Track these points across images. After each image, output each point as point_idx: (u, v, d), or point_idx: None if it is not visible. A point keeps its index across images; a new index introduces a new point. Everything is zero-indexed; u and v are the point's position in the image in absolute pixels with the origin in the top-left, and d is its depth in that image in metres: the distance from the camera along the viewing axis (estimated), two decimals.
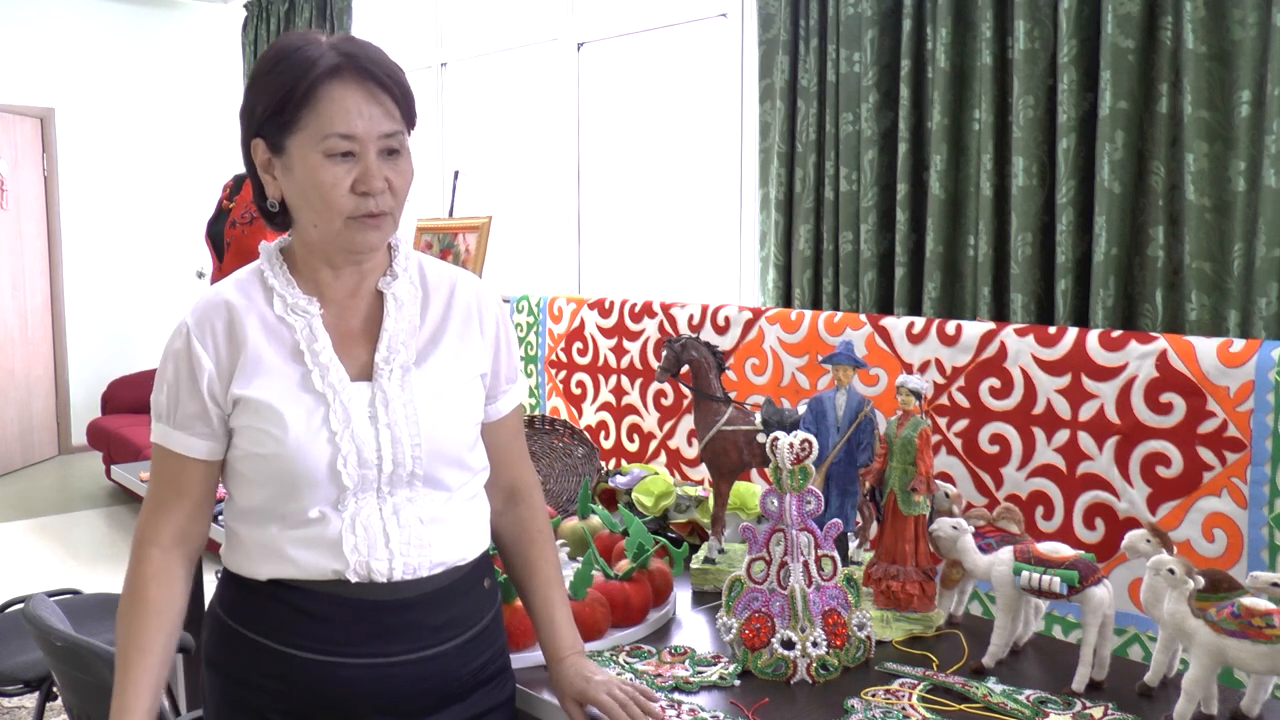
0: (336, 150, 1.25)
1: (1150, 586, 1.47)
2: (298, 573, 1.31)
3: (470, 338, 1.41)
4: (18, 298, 6.46)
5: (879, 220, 3.04)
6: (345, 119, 1.25)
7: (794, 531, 1.65)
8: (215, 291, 1.35)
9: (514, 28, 4.83)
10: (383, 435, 1.31)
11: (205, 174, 6.89)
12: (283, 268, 1.36)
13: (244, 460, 1.32)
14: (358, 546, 1.30)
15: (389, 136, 1.28)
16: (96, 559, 4.81)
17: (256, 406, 1.29)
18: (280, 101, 1.26)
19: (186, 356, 1.31)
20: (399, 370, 1.34)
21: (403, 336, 1.36)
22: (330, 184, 1.26)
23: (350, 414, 1.30)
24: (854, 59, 3.06)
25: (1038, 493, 2.13)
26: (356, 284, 1.37)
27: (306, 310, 1.33)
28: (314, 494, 1.29)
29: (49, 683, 2.28)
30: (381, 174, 1.28)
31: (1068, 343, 2.08)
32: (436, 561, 1.35)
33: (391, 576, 1.32)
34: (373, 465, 1.30)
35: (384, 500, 1.32)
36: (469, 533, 1.41)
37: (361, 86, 1.26)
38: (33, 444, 6.60)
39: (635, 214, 4.46)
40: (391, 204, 1.31)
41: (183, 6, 7.04)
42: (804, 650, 1.60)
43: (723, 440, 2.03)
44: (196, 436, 1.33)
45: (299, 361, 1.31)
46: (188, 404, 1.32)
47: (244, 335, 1.30)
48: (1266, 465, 1.84)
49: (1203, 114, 2.36)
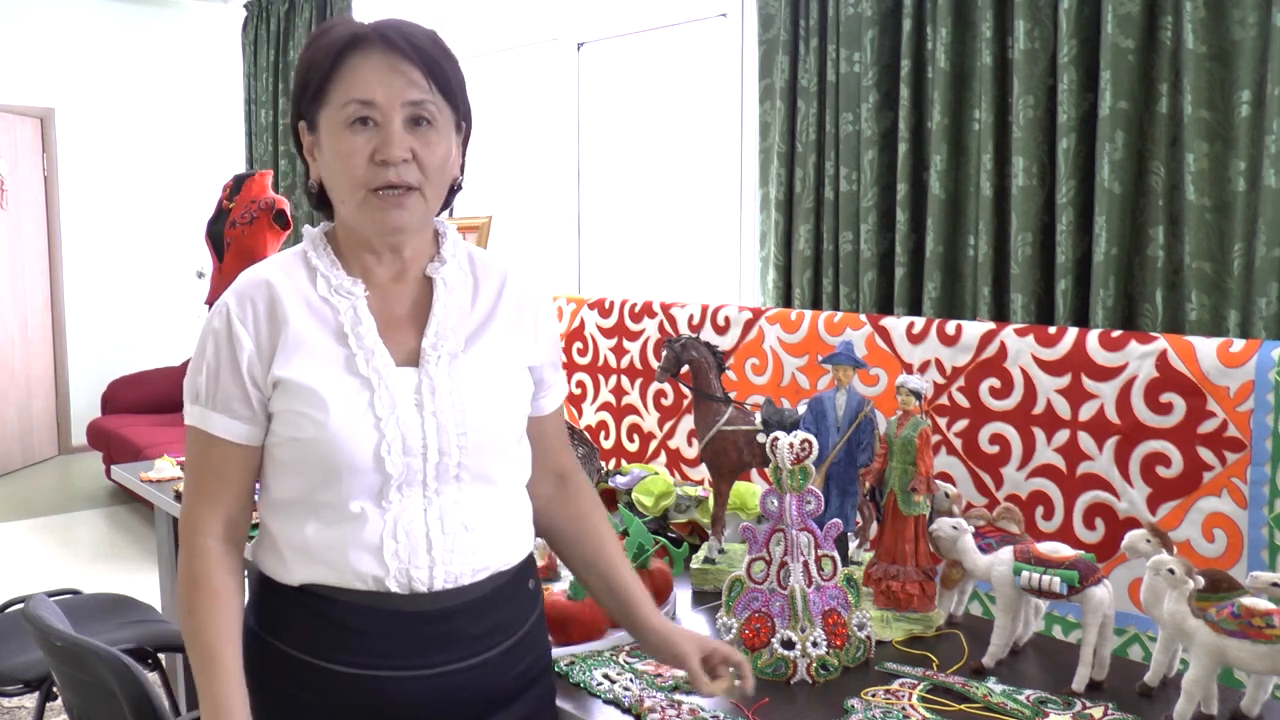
0: (355, 116, 1.21)
1: (1150, 586, 1.47)
2: (333, 577, 1.24)
3: (521, 329, 1.37)
4: (18, 298, 6.45)
5: (879, 220, 3.04)
6: (363, 85, 1.21)
7: (794, 531, 1.65)
8: (256, 271, 1.29)
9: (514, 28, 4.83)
10: (428, 423, 1.25)
11: (205, 174, 6.89)
12: (327, 249, 1.31)
13: (282, 446, 1.26)
14: (398, 553, 1.24)
15: (415, 104, 1.22)
16: (96, 559, 4.81)
17: (297, 389, 1.23)
18: (307, 76, 1.24)
19: (227, 336, 1.25)
20: (446, 357, 1.28)
21: (451, 322, 1.31)
22: (348, 153, 1.22)
23: (396, 399, 1.24)
24: (854, 59, 3.06)
25: (1038, 493, 2.13)
26: (400, 270, 1.32)
27: (351, 291, 1.28)
28: (355, 483, 1.23)
29: (49, 683, 2.28)
30: (404, 143, 1.22)
31: (1068, 343, 2.08)
32: (479, 568, 1.29)
33: (433, 586, 1.25)
34: (418, 454, 1.24)
35: (429, 501, 1.26)
36: (513, 535, 1.36)
37: (384, 55, 1.22)
38: (33, 444, 6.60)
39: (635, 214, 4.46)
40: (418, 178, 1.24)
41: (183, 6, 7.04)
42: (804, 650, 1.60)
43: (723, 440, 2.03)
44: (237, 420, 1.26)
45: (343, 344, 1.25)
46: (228, 385, 1.25)
47: (285, 315, 1.25)
48: (1266, 465, 1.84)
49: (1203, 114, 2.36)
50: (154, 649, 2.41)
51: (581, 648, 1.69)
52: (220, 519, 1.28)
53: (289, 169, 6.15)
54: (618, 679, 1.59)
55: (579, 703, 1.53)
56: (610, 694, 1.54)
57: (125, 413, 6.04)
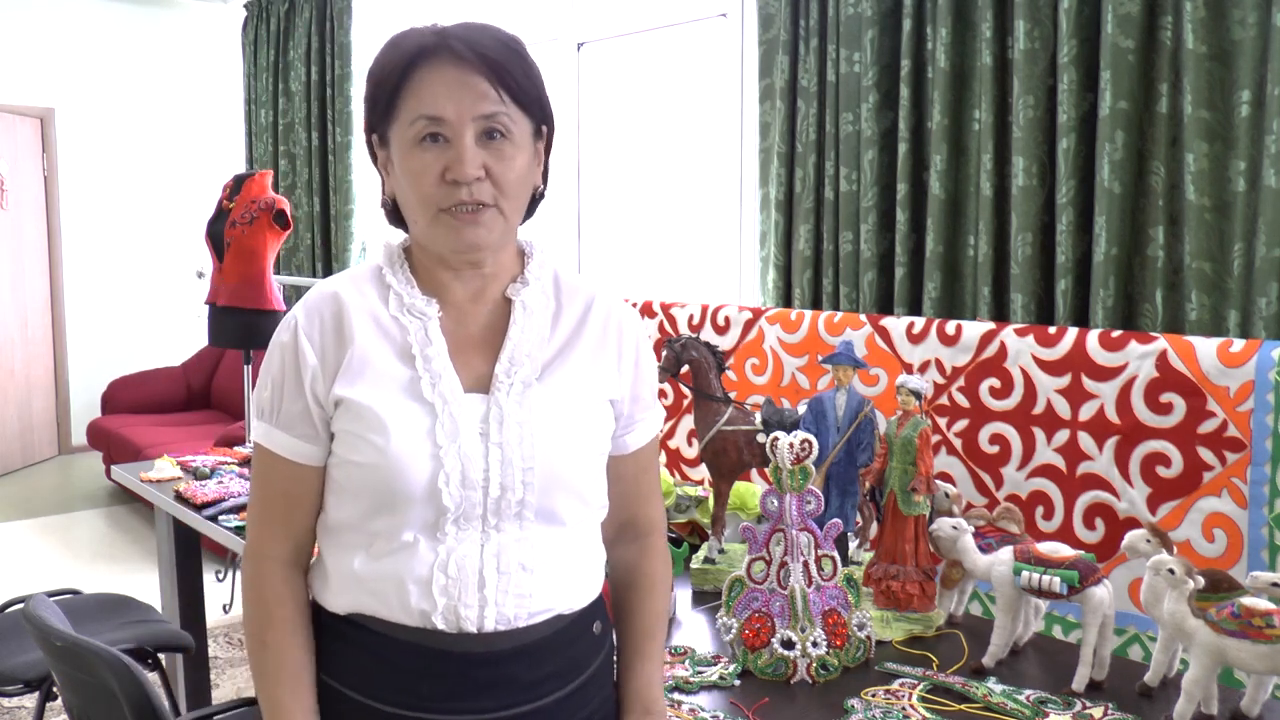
0: (424, 134, 1.15)
1: (1150, 586, 1.47)
2: (380, 609, 1.18)
3: (605, 358, 1.27)
4: (18, 298, 6.45)
5: (879, 220, 3.04)
6: (432, 100, 1.15)
7: (794, 531, 1.65)
8: (328, 284, 1.24)
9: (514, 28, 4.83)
10: (492, 455, 1.17)
11: (205, 174, 6.89)
12: (404, 266, 1.24)
13: (340, 467, 1.20)
14: (447, 589, 1.16)
15: (488, 118, 1.15)
16: (96, 559, 4.81)
17: (359, 410, 1.17)
18: (376, 90, 1.19)
19: (293, 350, 1.20)
20: (520, 385, 1.20)
21: (528, 348, 1.22)
22: (418, 172, 1.15)
23: (459, 428, 1.17)
24: (854, 59, 3.06)
25: (1038, 493, 2.13)
26: (480, 289, 1.24)
27: (424, 312, 1.21)
28: (409, 513, 1.16)
29: (49, 683, 2.28)
30: (477, 160, 1.15)
31: (1068, 343, 2.08)
32: (537, 611, 1.20)
33: (483, 626, 1.17)
34: (478, 487, 1.17)
35: (487, 537, 1.18)
36: (579, 579, 1.25)
37: (454, 67, 1.15)
38: (33, 444, 6.60)
39: (635, 214, 4.46)
40: (493, 194, 1.17)
41: (183, 6, 7.04)
42: (804, 650, 1.60)
43: (723, 440, 2.03)
44: (299, 439, 1.21)
45: (409, 365, 1.19)
46: (292, 403, 1.20)
47: (352, 332, 1.19)
48: (1266, 465, 1.84)
49: (1203, 114, 2.36)
50: (154, 649, 2.41)
51: None
52: (286, 542, 1.24)
53: (289, 169, 6.15)
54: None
55: None
56: None
57: (125, 413, 6.04)
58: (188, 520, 2.58)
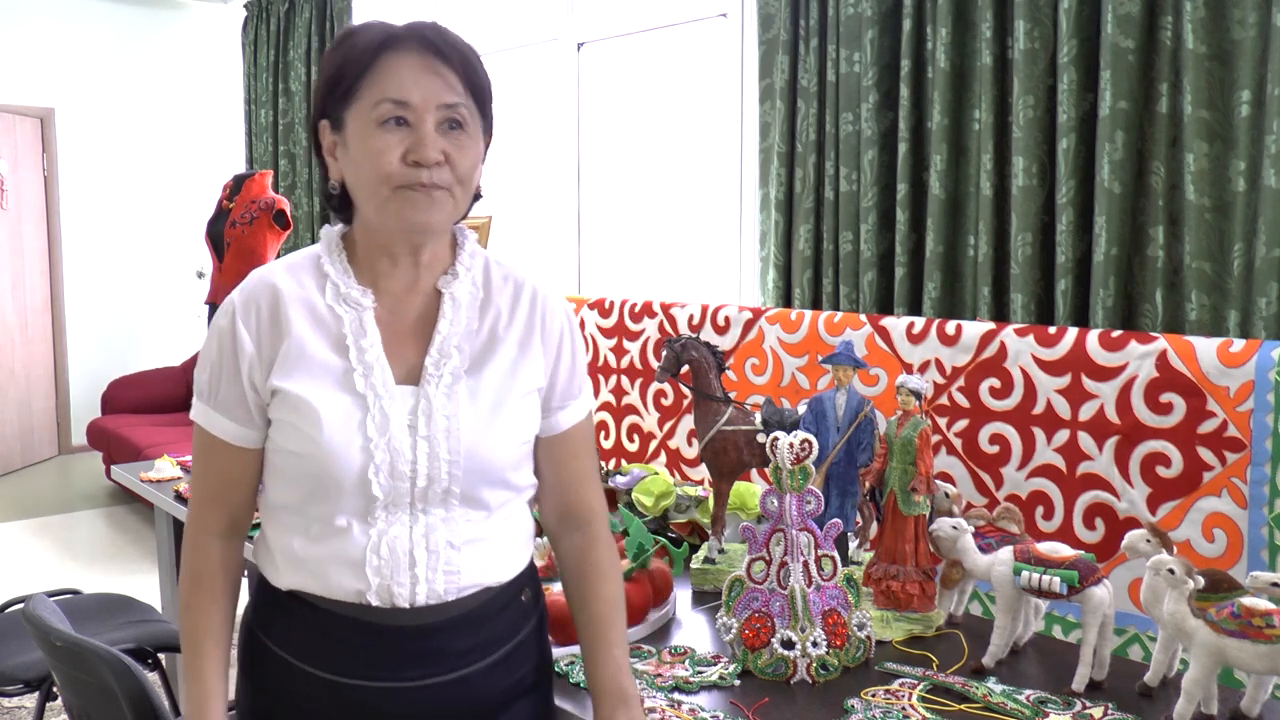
0: (389, 116, 1.19)
1: (1150, 586, 1.47)
2: (318, 587, 1.25)
3: (531, 348, 1.31)
4: (18, 298, 6.45)
5: (879, 220, 3.04)
6: (399, 85, 1.19)
7: (794, 531, 1.65)
8: (265, 272, 1.27)
9: (514, 28, 4.83)
10: (420, 448, 1.22)
11: (205, 174, 6.89)
12: (341, 255, 1.28)
13: (277, 454, 1.26)
14: (380, 569, 1.22)
15: (449, 108, 1.20)
16: (96, 559, 4.81)
17: (294, 401, 1.21)
18: (338, 73, 1.22)
19: (231, 338, 1.24)
20: (448, 377, 1.25)
21: (456, 340, 1.27)
22: (380, 150, 1.19)
23: (389, 420, 1.22)
24: (854, 59, 3.06)
25: (1038, 493, 2.13)
26: (415, 279, 1.28)
27: (359, 302, 1.25)
28: (341, 502, 1.22)
29: (49, 683, 2.28)
30: (438, 145, 1.19)
31: (1068, 343, 2.08)
32: (466, 586, 1.27)
33: (414, 602, 1.24)
34: (406, 478, 1.22)
35: (416, 520, 1.24)
36: (505, 554, 1.32)
37: (419, 55, 1.20)
38: (33, 444, 6.60)
39: (635, 214, 4.46)
40: (449, 180, 1.21)
41: (183, 6, 7.04)
42: (804, 650, 1.60)
43: (723, 440, 2.03)
44: (235, 421, 1.26)
45: (343, 356, 1.23)
46: (229, 388, 1.24)
47: (288, 323, 1.23)
48: (1266, 465, 1.84)
49: (1203, 114, 2.36)
50: (154, 649, 2.41)
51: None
52: (223, 517, 1.30)
53: (289, 169, 6.15)
54: None
55: (579, 703, 1.53)
56: None
57: (125, 413, 6.04)
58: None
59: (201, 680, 1.26)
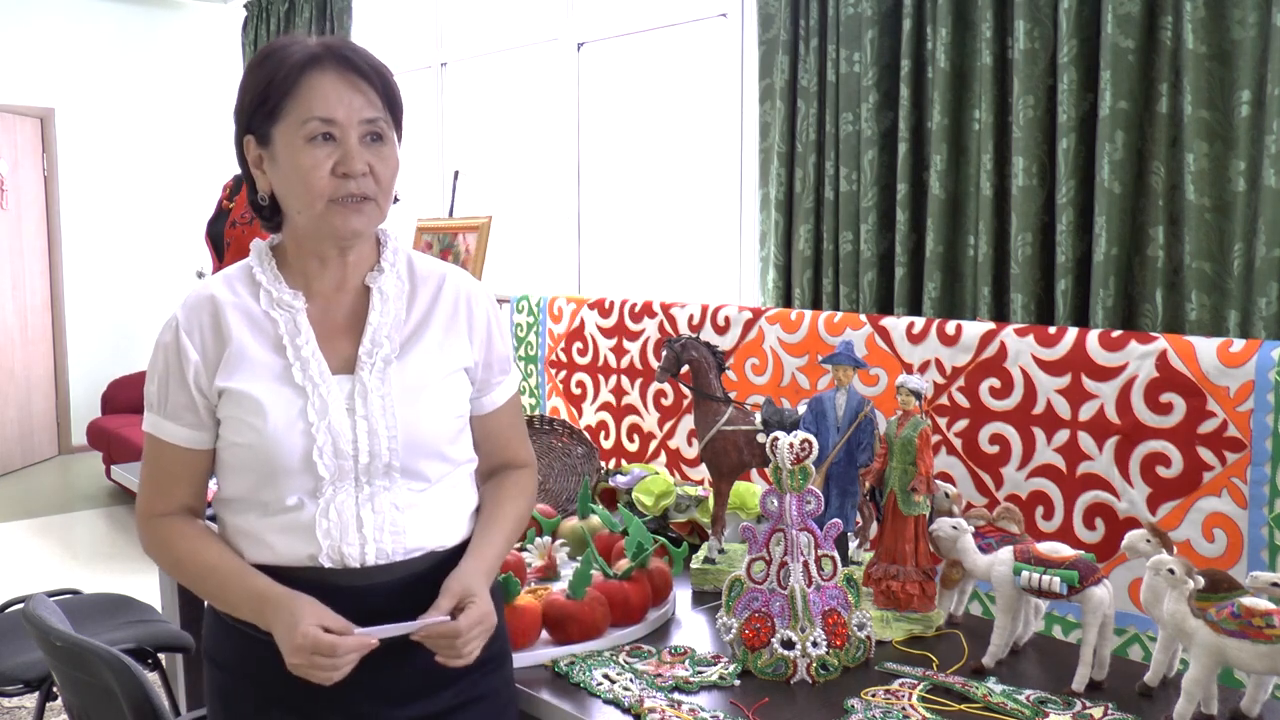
0: (317, 133, 1.29)
1: (1150, 586, 1.47)
2: (275, 558, 1.34)
3: (456, 331, 1.43)
4: (18, 298, 6.45)
5: (879, 220, 3.04)
6: (324, 103, 1.29)
7: (794, 531, 1.65)
8: (204, 286, 1.39)
9: (514, 28, 4.83)
10: (360, 427, 1.33)
11: (205, 174, 6.89)
12: (271, 264, 1.39)
13: (227, 449, 1.36)
14: (330, 531, 1.32)
15: (370, 122, 1.32)
16: (96, 559, 4.81)
17: (239, 397, 1.32)
18: (264, 93, 1.31)
19: (175, 349, 1.35)
20: (381, 363, 1.36)
21: (386, 330, 1.38)
22: (310, 166, 1.29)
23: (328, 406, 1.33)
24: (854, 59, 3.06)
25: (1038, 493, 2.13)
26: (343, 278, 1.40)
27: (291, 305, 1.36)
28: (290, 483, 1.32)
29: (49, 683, 2.28)
30: (363, 158, 1.31)
31: (1068, 343, 2.08)
32: (412, 547, 1.36)
33: (364, 561, 1.33)
34: (349, 456, 1.33)
35: (361, 489, 1.34)
36: (448, 522, 1.42)
37: (340, 74, 1.30)
38: (33, 444, 6.60)
39: (635, 214, 4.46)
40: (374, 189, 1.33)
41: (183, 6, 7.04)
42: (804, 650, 1.60)
43: (723, 440, 2.03)
44: (185, 426, 1.36)
45: (281, 355, 1.34)
46: (177, 395, 1.35)
47: (229, 330, 1.34)
48: (1266, 465, 1.84)
49: (1203, 114, 2.36)
50: (154, 649, 2.41)
51: (581, 647, 1.69)
52: (173, 502, 1.40)
53: None
54: (618, 679, 1.59)
55: (579, 703, 1.53)
56: (610, 694, 1.54)
57: (125, 413, 6.04)
58: None
59: (243, 581, 1.32)
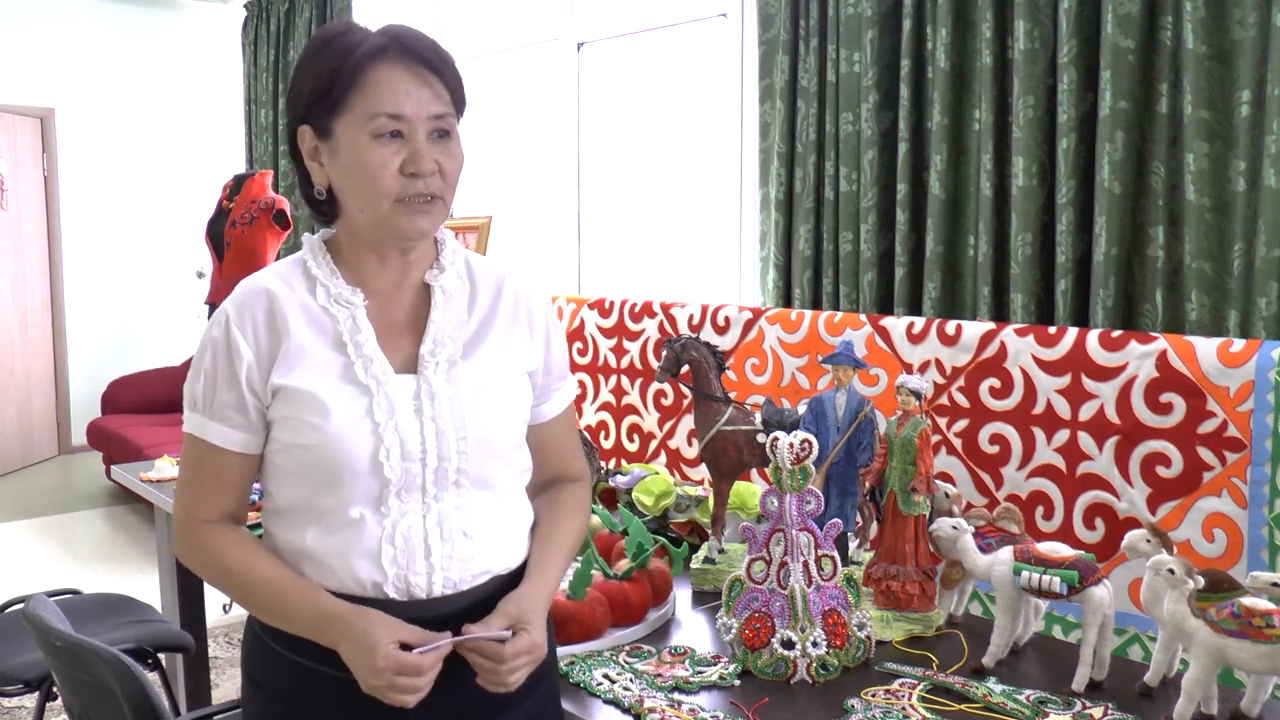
0: (384, 130, 1.22)
1: (1150, 586, 1.47)
2: (333, 582, 1.25)
3: (518, 333, 1.37)
4: (18, 298, 6.45)
5: (879, 220, 3.04)
6: (393, 99, 1.22)
7: (794, 531, 1.65)
8: (256, 280, 1.30)
9: (514, 28, 4.83)
10: (428, 428, 1.26)
11: (205, 174, 6.89)
12: (326, 258, 1.32)
13: (282, 453, 1.27)
14: (396, 559, 1.24)
15: (438, 118, 1.25)
16: (96, 559, 4.81)
17: (297, 395, 1.24)
18: (326, 84, 1.24)
19: (225, 345, 1.26)
20: (445, 364, 1.29)
21: (449, 330, 1.32)
22: (378, 165, 1.23)
23: (395, 405, 1.25)
24: (854, 59, 3.06)
25: (1038, 493, 2.13)
26: (402, 276, 1.33)
27: (350, 301, 1.29)
28: (355, 488, 1.23)
29: (49, 683, 2.28)
30: (431, 156, 1.25)
31: (1068, 343, 2.08)
32: (478, 572, 1.29)
33: (431, 592, 1.26)
34: (416, 459, 1.25)
35: (428, 508, 1.26)
36: (511, 540, 1.35)
37: (408, 67, 1.24)
38: (33, 444, 6.60)
39: (635, 214, 4.46)
40: (441, 188, 1.27)
41: (183, 6, 7.04)
42: (804, 650, 1.60)
43: (723, 440, 2.03)
44: (233, 428, 1.27)
45: (341, 352, 1.27)
46: (225, 394, 1.26)
47: (285, 324, 1.26)
48: (1266, 465, 1.84)
49: (1203, 114, 2.36)
50: (154, 649, 2.41)
51: (581, 647, 1.69)
52: (215, 510, 1.30)
53: (289, 169, 6.15)
54: (618, 679, 1.59)
55: (579, 703, 1.53)
56: (610, 694, 1.54)
57: (125, 413, 6.03)
58: None
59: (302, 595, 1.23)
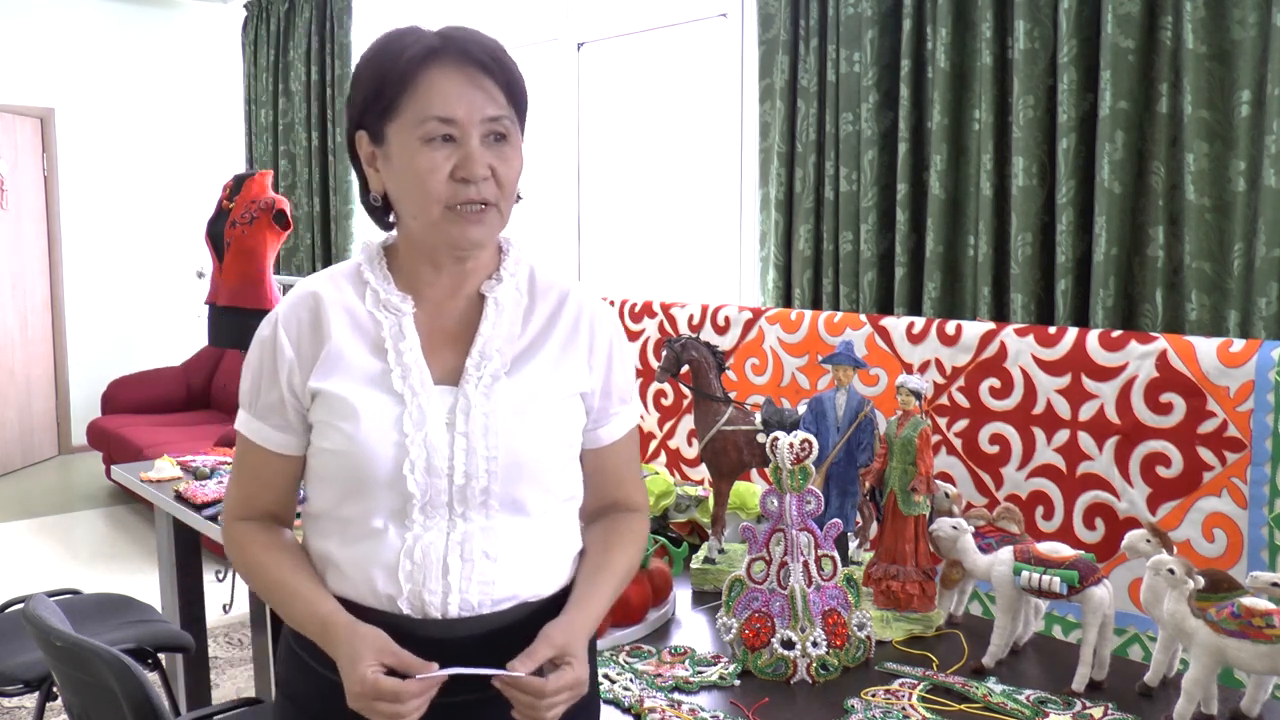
0: (435, 134, 1.19)
1: (1150, 586, 1.47)
2: (353, 592, 1.23)
3: (575, 352, 1.31)
4: (18, 298, 6.45)
5: (879, 220, 3.04)
6: (444, 102, 1.18)
7: (794, 531, 1.65)
8: (308, 281, 1.30)
9: (514, 28, 4.83)
10: (457, 444, 1.22)
11: (205, 174, 6.89)
12: (382, 264, 1.29)
13: (315, 456, 1.26)
14: (412, 574, 1.21)
15: (493, 120, 1.21)
16: (96, 559, 4.81)
17: (331, 400, 1.23)
18: (377, 88, 1.21)
19: (272, 345, 1.26)
20: (488, 378, 1.25)
21: (498, 343, 1.27)
22: (427, 170, 1.19)
23: (426, 417, 1.22)
24: (854, 59, 3.06)
25: (1038, 493, 2.13)
26: (458, 284, 1.29)
27: (399, 308, 1.26)
28: (378, 498, 1.21)
29: (49, 683, 2.28)
30: (484, 160, 1.20)
31: (1068, 343, 2.08)
32: (501, 597, 1.23)
33: (446, 612, 1.21)
34: (443, 475, 1.21)
35: (454, 526, 1.22)
36: (545, 567, 1.28)
37: (460, 69, 1.19)
38: (33, 444, 6.60)
39: (635, 214, 4.45)
40: (496, 194, 1.22)
41: (183, 6, 7.04)
42: (804, 650, 1.60)
43: (723, 440, 2.03)
44: (273, 428, 1.27)
45: (381, 359, 1.24)
46: (267, 393, 1.27)
47: (328, 328, 1.24)
48: (1266, 465, 1.84)
49: (1203, 114, 2.36)
50: (154, 649, 2.41)
51: None
52: (259, 510, 1.31)
53: (289, 169, 6.15)
54: (618, 679, 1.59)
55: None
56: (610, 694, 1.54)
57: (125, 413, 6.04)
58: (188, 520, 2.58)
59: (307, 605, 1.22)
